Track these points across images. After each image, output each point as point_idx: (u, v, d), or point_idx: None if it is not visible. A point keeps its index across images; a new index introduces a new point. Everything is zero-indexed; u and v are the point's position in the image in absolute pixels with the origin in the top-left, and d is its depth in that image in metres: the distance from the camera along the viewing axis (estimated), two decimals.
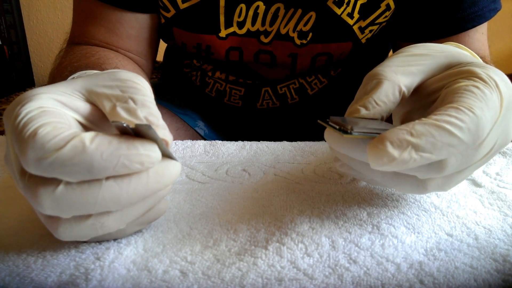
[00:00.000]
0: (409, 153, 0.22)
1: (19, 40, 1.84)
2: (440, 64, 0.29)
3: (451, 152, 0.23)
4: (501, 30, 1.68)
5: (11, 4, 1.79)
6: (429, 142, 0.23)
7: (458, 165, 0.25)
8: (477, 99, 0.24)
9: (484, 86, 0.25)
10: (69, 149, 0.21)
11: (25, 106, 0.24)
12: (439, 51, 0.29)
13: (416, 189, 0.27)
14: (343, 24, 0.53)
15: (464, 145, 0.23)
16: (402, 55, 0.29)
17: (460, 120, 0.23)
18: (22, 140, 0.22)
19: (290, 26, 0.54)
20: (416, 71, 0.28)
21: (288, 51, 0.56)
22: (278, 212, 0.32)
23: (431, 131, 0.23)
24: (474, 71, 0.26)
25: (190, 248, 0.28)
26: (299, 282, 0.25)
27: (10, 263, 0.26)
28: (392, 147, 0.22)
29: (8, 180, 0.38)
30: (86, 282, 0.24)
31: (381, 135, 0.23)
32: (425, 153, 0.23)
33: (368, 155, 0.23)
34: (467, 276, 0.25)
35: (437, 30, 0.54)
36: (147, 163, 0.23)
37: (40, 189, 0.22)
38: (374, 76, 0.27)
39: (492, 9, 0.53)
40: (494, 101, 0.25)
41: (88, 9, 0.54)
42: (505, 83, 0.26)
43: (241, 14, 0.53)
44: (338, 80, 0.63)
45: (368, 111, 0.26)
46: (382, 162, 0.22)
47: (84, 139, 0.22)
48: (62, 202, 0.22)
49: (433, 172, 0.25)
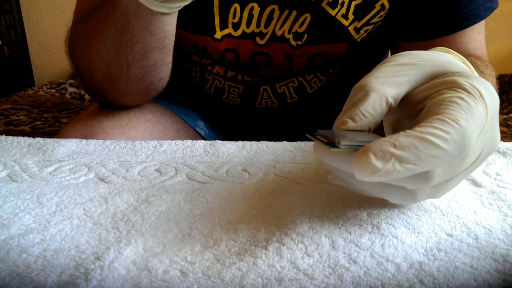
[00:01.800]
0: (392, 165, 0.23)
1: (19, 40, 1.84)
2: (426, 73, 0.29)
3: (436, 163, 0.24)
4: (501, 30, 1.68)
5: (11, 4, 1.78)
6: (412, 153, 0.23)
7: (445, 175, 0.25)
8: (462, 110, 0.24)
9: (468, 97, 0.25)
10: None
11: None
12: (425, 60, 0.29)
13: (406, 198, 0.28)
14: (338, 25, 0.53)
15: (450, 156, 0.24)
16: (389, 65, 0.29)
17: (445, 132, 0.23)
18: None
19: (285, 27, 0.54)
20: (403, 81, 0.28)
21: (284, 52, 0.56)
22: (278, 212, 0.32)
23: (414, 143, 0.23)
24: (458, 81, 0.26)
25: (190, 248, 0.28)
26: (299, 282, 0.25)
27: (10, 263, 0.26)
28: (376, 158, 0.22)
29: (9, 180, 0.38)
30: (86, 282, 0.24)
31: (365, 147, 0.23)
32: (408, 165, 0.23)
33: (353, 166, 0.23)
34: (467, 276, 0.25)
35: (432, 29, 0.54)
36: None
37: None
38: (361, 88, 0.28)
39: (488, 8, 0.53)
40: (479, 111, 0.25)
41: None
42: (489, 92, 0.27)
43: (236, 15, 0.52)
44: (337, 78, 0.63)
45: (355, 123, 0.26)
46: (366, 173, 0.23)
47: None
48: None
49: (420, 183, 0.25)
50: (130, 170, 0.40)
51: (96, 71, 0.52)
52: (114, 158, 0.43)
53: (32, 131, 1.05)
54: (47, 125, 1.09)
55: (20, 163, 0.41)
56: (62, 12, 1.91)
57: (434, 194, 0.28)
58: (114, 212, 0.32)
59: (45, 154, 0.43)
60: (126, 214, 0.32)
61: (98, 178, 0.38)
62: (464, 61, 0.31)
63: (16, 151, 0.44)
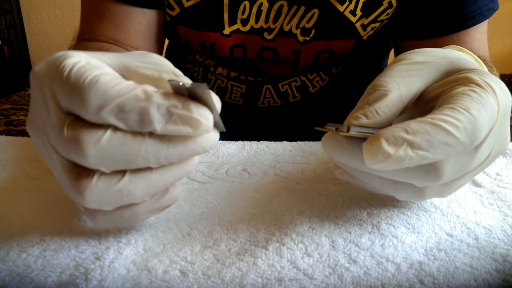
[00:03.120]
0: (404, 150, 0.22)
1: (19, 40, 1.84)
2: (441, 71, 0.29)
3: (448, 152, 0.23)
4: (501, 30, 1.68)
5: (11, 4, 1.79)
6: (424, 139, 0.23)
7: (455, 173, 0.25)
8: (473, 101, 0.24)
9: (481, 91, 0.25)
10: (131, 97, 0.22)
11: (69, 60, 0.24)
12: (439, 57, 0.29)
13: (414, 196, 0.27)
14: (345, 21, 0.53)
15: (461, 145, 0.23)
16: (404, 64, 0.29)
17: (456, 119, 0.23)
18: (80, 87, 0.22)
19: (293, 23, 0.54)
20: (417, 81, 0.28)
21: (291, 48, 0.56)
22: (278, 212, 0.32)
23: (426, 128, 0.23)
24: (472, 77, 0.26)
25: (190, 248, 0.28)
26: (299, 282, 0.25)
27: (10, 263, 0.26)
28: (387, 144, 0.22)
29: (8, 180, 0.38)
30: (86, 282, 0.24)
31: (376, 133, 0.23)
32: (421, 151, 0.23)
33: (364, 153, 0.23)
34: (467, 276, 0.25)
35: (438, 28, 0.54)
36: (199, 130, 0.23)
37: (85, 137, 0.23)
38: (376, 87, 0.27)
39: (490, 8, 0.53)
40: (491, 104, 0.25)
41: (96, 6, 0.55)
42: (502, 90, 0.26)
43: (245, 11, 0.53)
44: (339, 78, 0.63)
45: (368, 120, 0.26)
46: (378, 159, 0.22)
47: (147, 90, 0.23)
48: (106, 150, 0.23)
49: (430, 179, 0.25)
50: None
51: None
52: None
53: None
54: None
55: (20, 163, 0.41)
56: (62, 12, 1.91)
57: (442, 193, 0.28)
58: None
59: None
60: None
61: None
62: (476, 60, 0.31)
63: (16, 151, 0.44)
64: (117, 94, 0.22)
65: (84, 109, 0.23)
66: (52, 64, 0.24)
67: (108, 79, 0.23)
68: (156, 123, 0.22)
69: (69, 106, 0.23)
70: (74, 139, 0.23)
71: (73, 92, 0.23)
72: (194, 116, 0.23)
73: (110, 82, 0.22)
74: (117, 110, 0.22)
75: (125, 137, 0.23)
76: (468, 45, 0.54)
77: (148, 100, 0.22)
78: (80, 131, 0.23)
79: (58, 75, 0.24)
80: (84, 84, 0.22)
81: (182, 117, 0.23)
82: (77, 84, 0.23)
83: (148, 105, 0.22)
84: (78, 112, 0.23)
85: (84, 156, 0.23)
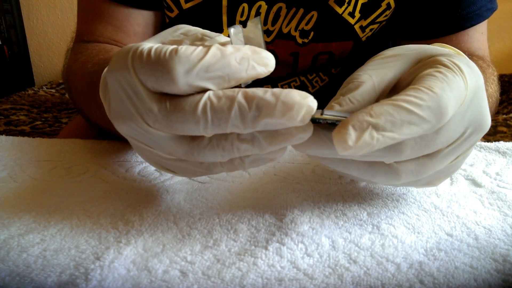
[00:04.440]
0: (370, 134, 0.23)
1: (19, 40, 1.84)
2: (411, 60, 0.29)
3: (414, 130, 0.24)
4: (501, 30, 1.68)
5: (11, 4, 1.78)
6: (388, 120, 0.23)
7: (418, 148, 0.26)
8: (438, 80, 0.25)
9: (446, 70, 0.25)
10: (210, 56, 0.24)
11: (143, 46, 0.25)
12: (411, 49, 0.30)
13: (390, 177, 0.28)
14: (344, 23, 0.53)
15: (426, 122, 0.24)
16: (377, 59, 0.30)
17: (419, 98, 0.24)
18: (163, 61, 0.24)
19: (292, 25, 0.54)
20: (390, 71, 0.29)
21: (290, 50, 0.56)
22: (278, 212, 0.32)
23: (388, 110, 0.23)
24: (439, 59, 0.27)
25: (190, 248, 0.28)
26: (299, 282, 0.25)
27: (10, 263, 0.26)
28: (354, 129, 0.23)
29: (8, 180, 0.38)
30: (86, 282, 0.24)
31: (344, 120, 0.23)
32: (386, 132, 0.23)
33: (334, 141, 0.23)
34: (467, 276, 0.25)
35: (436, 28, 0.54)
36: (270, 66, 0.25)
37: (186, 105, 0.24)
38: (350, 80, 0.28)
39: (489, 8, 0.53)
40: (457, 82, 0.25)
41: (94, 7, 0.55)
42: (470, 69, 0.27)
43: (244, 13, 0.53)
44: (339, 78, 0.63)
45: (341, 108, 0.27)
46: (347, 145, 0.23)
47: (219, 47, 0.24)
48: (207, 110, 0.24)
49: (393, 154, 0.26)
50: (130, 170, 0.40)
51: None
52: (114, 158, 0.43)
53: (32, 131, 1.05)
54: (47, 125, 1.09)
55: (20, 163, 0.41)
56: (62, 12, 1.91)
57: (418, 173, 0.28)
58: (114, 212, 0.32)
59: (45, 154, 0.43)
60: (125, 214, 0.32)
61: (98, 178, 0.38)
62: (457, 52, 0.31)
63: (16, 151, 0.44)
64: (197, 58, 0.24)
65: (172, 80, 0.24)
66: (123, 57, 0.26)
67: (184, 48, 0.24)
68: (239, 73, 0.24)
69: (157, 85, 0.25)
70: (175, 110, 0.24)
71: (158, 69, 0.24)
72: (263, 55, 0.25)
73: (187, 49, 0.24)
74: (203, 72, 0.24)
75: (218, 96, 0.24)
76: (467, 45, 0.54)
77: (224, 55, 0.24)
78: (178, 101, 0.25)
79: (138, 61, 0.25)
80: (166, 57, 0.24)
81: (256, 59, 0.25)
82: (159, 61, 0.24)
83: (228, 59, 0.24)
84: (167, 87, 0.24)
85: (195, 120, 0.24)
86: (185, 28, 0.29)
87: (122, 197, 0.35)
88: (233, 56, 0.24)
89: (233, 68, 0.24)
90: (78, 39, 0.57)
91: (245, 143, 0.25)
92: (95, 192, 0.35)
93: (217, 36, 0.27)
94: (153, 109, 0.25)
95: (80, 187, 0.37)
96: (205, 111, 0.24)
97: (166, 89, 0.25)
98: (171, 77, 0.24)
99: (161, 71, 0.24)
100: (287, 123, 0.24)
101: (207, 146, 0.26)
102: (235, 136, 0.25)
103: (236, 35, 0.26)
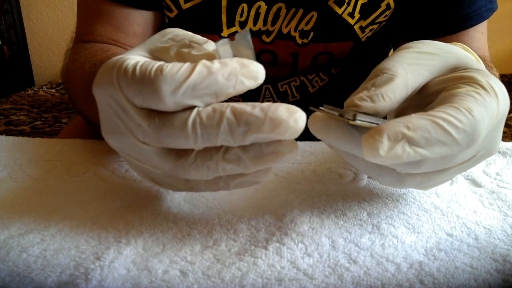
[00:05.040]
0: (402, 146, 0.22)
1: (19, 40, 1.84)
2: (448, 65, 0.28)
3: (443, 151, 0.23)
4: (501, 30, 1.68)
5: (11, 4, 1.78)
6: (423, 137, 0.23)
7: (435, 165, 0.25)
8: (477, 103, 0.24)
9: (485, 93, 0.25)
10: (196, 74, 0.23)
11: (127, 62, 0.25)
12: (448, 51, 0.29)
13: (395, 182, 0.28)
14: (344, 23, 0.53)
15: (457, 146, 0.23)
16: (412, 51, 0.28)
17: (458, 119, 0.23)
18: (149, 81, 0.24)
19: (291, 25, 0.54)
20: (426, 71, 0.27)
21: (290, 50, 0.56)
22: (278, 212, 0.32)
23: (426, 125, 0.23)
24: (477, 78, 0.26)
25: (190, 248, 0.28)
26: (299, 282, 0.25)
27: (10, 263, 0.26)
28: (388, 139, 0.22)
29: (8, 180, 0.38)
30: (86, 282, 0.24)
31: (379, 126, 0.23)
32: (418, 148, 0.23)
33: (364, 145, 0.23)
34: (467, 276, 0.25)
35: (436, 29, 0.54)
36: (259, 79, 0.25)
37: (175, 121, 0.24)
38: (384, 70, 0.27)
39: (489, 8, 0.53)
40: (493, 108, 0.25)
41: (93, 7, 0.55)
42: (503, 95, 0.26)
43: (243, 13, 0.53)
44: (339, 78, 0.63)
45: (373, 104, 0.25)
46: (377, 153, 0.22)
47: (206, 64, 0.24)
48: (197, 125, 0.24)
49: (410, 167, 0.25)
50: (130, 170, 0.40)
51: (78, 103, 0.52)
52: (113, 158, 0.43)
53: (32, 131, 1.05)
54: (47, 125, 1.09)
55: (20, 163, 0.41)
56: (62, 12, 1.91)
57: (423, 184, 0.28)
58: (114, 212, 0.32)
59: (45, 154, 0.43)
60: (125, 214, 0.32)
61: (98, 178, 0.38)
62: (478, 60, 0.31)
63: (17, 151, 0.44)
64: (183, 77, 0.23)
65: (159, 99, 0.24)
66: (108, 73, 0.26)
67: (170, 66, 0.24)
68: (227, 89, 0.24)
69: (144, 103, 0.24)
70: (164, 126, 0.24)
71: (144, 89, 0.24)
72: (252, 69, 0.24)
73: (173, 68, 0.24)
74: (190, 91, 0.23)
75: (207, 111, 0.24)
76: (467, 45, 0.54)
77: (211, 72, 0.23)
78: (167, 117, 0.24)
79: (123, 78, 0.25)
80: (151, 77, 0.24)
81: (244, 74, 0.24)
82: (144, 80, 0.24)
83: (215, 77, 0.23)
84: (154, 106, 0.24)
85: (185, 135, 0.24)
86: (173, 32, 0.28)
87: (122, 197, 0.35)
88: (220, 73, 0.24)
89: (221, 85, 0.24)
90: (77, 39, 0.57)
91: (230, 163, 0.25)
92: (95, 192, 0.35)
93: (205, 43, 0.26)
94: (143, 125, 0.25)
95: (80, 187, 0.37)
96: (195, 127, 0.24)
97: (154, 106, 0.24)
98: (158, 96, 0.23)
99: (147, 91, 0.24)
100: (276, 137, 0.24)
101: (192, 164, 0.25)
102: (220, 157, 0.25)
103: (223, 47, 0.25)
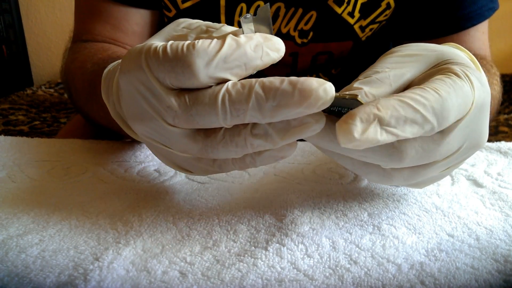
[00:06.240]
0: (375, 127, 0.23)
1: (17, 40, 1.84)
2: (429, 63, 0.29)
3: (415, 130, 0.24)
4: (502, 30, 1.68)
5: (9, 4, 1.78)
6: (393, 116, 0.23)
7: (419, 157, 0.26)
8: (445, 84, 0.25)
9: (456, 78, 0.25)
10: (227, 47, 0.24)
11: (155, 45, 0.26)
12: (430, 50, 0.29)
13: (382, 179, 0.28)
14: (343, 23, 0.53)
15: (427, 123, 0.24)
16: (395, 56, 0.29)
17: (424, 97, 0.23)
18: (182, 57, 0.24)
19: (291, 25, 0.54)
20: (407, 72, 0.28)
21: (289, 50, 0.56)
22: (278, 212, 0.32)
23: (394, 104, 0.23)
24: (452, 67, 0.27)
25: (190, 249, 0.28)
26: (299, 283, 0.25)
27: (8, 264, 0.26)
28: (361, 121, 0.23)
29: (7, 181, 0.38)
30: (85, 282, 0.24)
31: (350, 112, 0.23)
32: (390, 128, 0.23)
33: (338, 132, 0.23)
34: (468, 277, 0.25)
35: (437, 28, 0.54)
36: (281, 50, 0.26)
37: (205, 98, 0.24)
38: (367, 75, 0.28)
39: (490, 8, 0.53)
40: (464, 91, 0.25)
41: (92, 6, 0.55)
42: (481, 84, 0.26)
43: (242, 13, 0.53)
44: (339, 78, 0.63)
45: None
46: (352, 137, 0.22)
47: (234, 38, 0.25)
48: (228, 100, 0.24)
49: (394, 161, 0.26)
50: (129, 170, 0.40)
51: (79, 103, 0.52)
52: (112, 159, 0.42)
53: (30, 131, 1.05)
54: (45, 125, 1.09)
55: (19, 163, 0.41)
56: (61, 11, 1.91)
57: (410, 179, 0.28)
58: (113, 212, 0.32)
59: (43, 154, 0.43)
60: (124, 214, 0.32)
61: (97, 179, 0.38)
62: (471, 58, 0.31)
63: (15, 151, 0.44)
64: (215, 50, 0.24)
65: (193, 74, 0.24)
66: (136, 58, 0.26)
67: (201, 41, 0.24)
68: (255, 61, 0.25)
69: (176, 81, 0.25)
70: (195, 104, 0.25)
71: (177, 64, 0.24)
72: (275, 41, 0.26)
73: (204, 43, 0.24)
74: (221, 63, 0.24)
75: (236, 87, 0.24)
76: (468, 45, 0.54)
77: (239, 45, 0.24)
78: (197, 95, 0.25)
79: (154, 59, 0.25)
80: (184, 53, 0.24)
81: (268, 46, 0.25)
82: (177, 57, 0.24)
83: (243, 49, 0.24)
84: (187, 82, 0.25)
85: (215, 112, 0.24)
86: (186, 21, 0.29)
87: (121, 198, 0.34)
88: (248, 45, 0.25)
89: (249, 57, 0.25)
90: (76, 39, 0.57)
91: (258, 138, 0.25)
92: (94, 193, 0.35)
93: (223, 26, 0.27)
94: (173, 105, 0.25)
95: (79, 187, 0.36)
96: (224, 103, 0.24)
97: (187, 83, 0.25)
98: (192, 71, 0.24)
99: (181, 66, 0.24)
100: (305, 112, 0.24)
101: (220, 142, 0.26)
102: (249, 132, 0.26)
103: (246, 24, 0.26)
